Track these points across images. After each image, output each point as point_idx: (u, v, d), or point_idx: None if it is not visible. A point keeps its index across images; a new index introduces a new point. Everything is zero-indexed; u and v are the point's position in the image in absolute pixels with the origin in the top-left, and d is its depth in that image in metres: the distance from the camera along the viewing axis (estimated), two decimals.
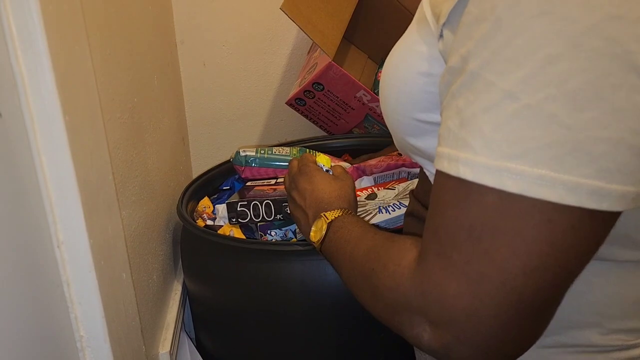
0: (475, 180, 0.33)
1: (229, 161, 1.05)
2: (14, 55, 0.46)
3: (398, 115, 0.46)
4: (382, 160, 0.96)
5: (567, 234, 0.33)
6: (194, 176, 1.27)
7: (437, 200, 0.37)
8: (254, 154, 0.99)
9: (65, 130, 0.49)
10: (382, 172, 0.93)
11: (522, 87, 0.32)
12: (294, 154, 1.00)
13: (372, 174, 0.94)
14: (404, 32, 0.47)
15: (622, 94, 0.31)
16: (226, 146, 1.32)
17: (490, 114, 0.33)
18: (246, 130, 1.32)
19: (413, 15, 1.23)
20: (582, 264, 0.35)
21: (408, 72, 0.43)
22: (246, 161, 0.97)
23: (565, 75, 0.31)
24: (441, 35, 0.40)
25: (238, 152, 0.99)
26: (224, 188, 1.04)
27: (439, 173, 0.36)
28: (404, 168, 0.94)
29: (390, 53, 0.47)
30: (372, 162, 0.96)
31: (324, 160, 0.73)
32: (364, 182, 0.92)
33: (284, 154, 0.99)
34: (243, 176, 0.99)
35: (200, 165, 1.31)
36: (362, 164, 0.95)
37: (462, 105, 0.34)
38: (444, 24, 0.39)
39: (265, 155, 0.99)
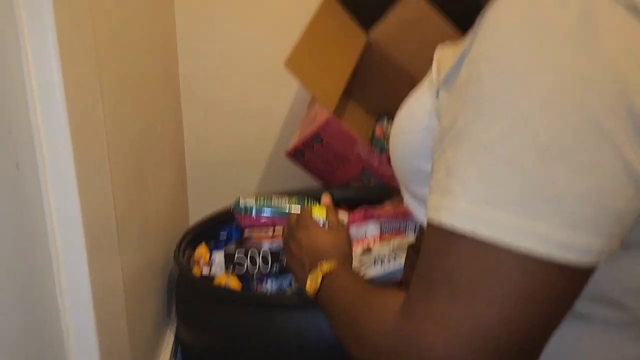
0: (453, 226, 0.36)
1: (227, 209, 1.08)
2: (33, 108, 0.49)
3: (404, 163, 0.50)
4: (388, 209, 0.98)
5: (541, 285, 0.35)
6: (191, 221, 1.30)
7: (423, 248, 0.40)
8: (253, 203, 1.01)
9: (76, 180, 0.52)
10: (389, 219, 0.96)
11: (500, 140, 0.35)
12: (293, 204, 1.03)
13: (379, 218, 0.95)
14: (401, 88, 0.51)
15: (586, 151, 0.34)
16: (224, 192, 1.35)
17: (471, 165, 0.36)
18: (244, 177, 1.35)
19: (409, 73, 1.29)
20: (559, 316, 0.36)
21: (412, 123, 0.47)
22: (245, 210, 1.00)
23: (537, 131, 0.34)
24: (437, 95, 0.43)
25: (238, 201, 1.02)
26: (221, 236, 1.06)
27: (427, 222, 0.39)
28: (409, 220, 0.96)
29: (401, 106, 0.51)
30: (379, 209, 0.99)
31: (320, 212, 0.75)
32: (370, 226, 0.94)
33: (283, 203, 1.02)
34: (242, 224, 1.01)
35: (197, 209, 1.33)
36: (369, 210, 0.97)
37: (449, 157, 0.38)
38: (441, 85, 0.43)
39: (265, 205, 1.01)
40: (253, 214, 1.00)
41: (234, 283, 0.87)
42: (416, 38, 1.20)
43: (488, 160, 0.35)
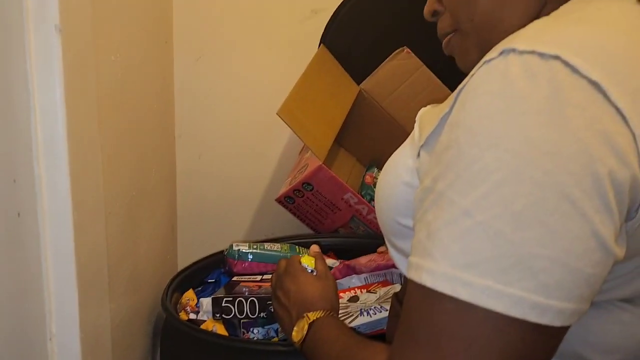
0: (434, 287, 0.39)
1: (215, 254, 1.10)
2: (37, 160, 0.52)
3: (384, 216, 0.53)
4: (373, 260, 1.01)
5: (517, 344, 0.37)
6: (180, 265, 1.31)
7: (405, 305, 0.42)
8: (246, 248, 1.04)
9: (72, 229, 0.55)
10: (371, 271, 0.98)
11: (476, 206, 0.38)
12: (285, 251, 1.05)
13: (361, 272, 0.98)
14: (391, 138, 0.54)
15: (556, 218, 0.37)
16: (214, 236, 1.37)
17: (450, 228, 0.39)
18: (235, 222, 1.38)
19: (399, 124, 1.35)
20: None
21: (394, 179, 0.51)
22: (239, 255, 1.02)
23: (510, 198, 0.37)
24: (418, 155, 0.47)
25: (231, 246, 1.04)
26: (209, 281, 1.08)
27: (409, 280, 0.42)
28: (394, 269, 0.99)
29: (387, 162, 0.54)
30: (363, 260, 1.01)
31: (308, 261, 0.78)
32: (354, 280, 0.96)
33: (275, 250, 1.04)
34: (235, 270, 1.03)
35: (187, 253, 1.35)
36: (352, 262, 1.00)
37: (431, 219, 0.41)
38: (422, 146, 0.47)
39: (258, 251, 1.04)
40: (246, 260, 1.03)
41: (220, 329, 0.89)
42: (406, 90, 1.26)
43: (466, 226, 0.38)
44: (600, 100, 0.38)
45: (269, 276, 1.00)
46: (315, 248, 0.85)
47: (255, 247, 1.04)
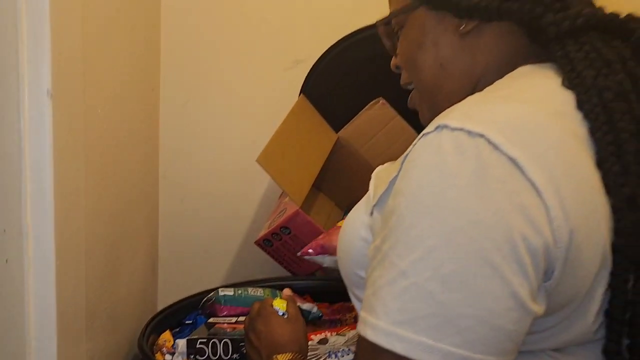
0: (375, 341, 0.45)
1: (194, 295, 1.14)
2: (25, 212, 0.58)
3: (346, 269, 0.58)
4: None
5: None
6: (160, 305, 1.35)
7: (355, 353, 0.48)
8: (232, 293, 1.09)
9: (55, 275, 0.61)
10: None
11: (412, 268, 0.44)
12: (267, 295, 1.10)
13: (331, 334, 1.03)
14: (367, 184, 0.60)
15: (479, 281, 0.43)
16: (194, 277, 1.42)
17: (390, 288, 0.45)
18: (215, 263, 1.43)
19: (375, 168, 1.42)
20: None
21: (352, 235, 0.57)
22: (225, 300, 1.07)
23: (440, 262, 0.43)
24: (372, 213, 0.53)
25: (217, 291, 1.09)
26: (187, 322, 1.12)
27: (358, 332, 0.48)
28: None
29: (347, 216, 0.60)
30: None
31: (280, 304, 0.83)
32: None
33: (258, 294, 1.10)
34: (220, 314, 1.07)
35: (167, 294, 1.39)
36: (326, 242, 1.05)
37: (376, 277, 0.47)
38: (374, 205, 0.53)
39: (242, 295, 1.09)
40: (232, 305, 1.07)
41: None
42: (382, 139, 1.34)
43: (403, 286, 0.44)
44: (518, 175, 0.44)
45: (244, 317, 1.05)
46: (287, 291, 0.90)
47: (239, 292, 1.09)
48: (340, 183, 1.37)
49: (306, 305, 1.10)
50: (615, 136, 0.48)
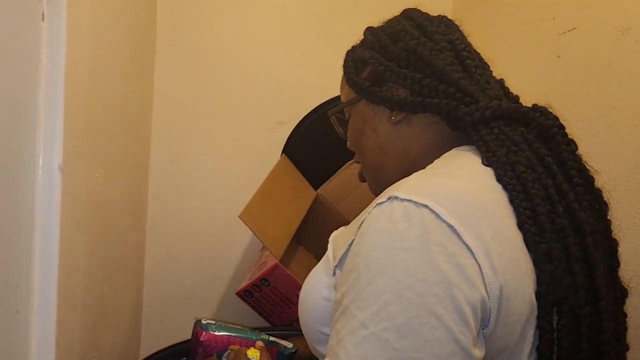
0: None
1: (178, 344, 1.24)
2: (35, 269, 0.70)
3: (308, 327, 0.67)
4: None
5: None
6: (142, 356, 1.44)
7: None
8: (213, 323, 1.18)
9: (56, 324, 0.71)
10: None
11: (370, 320, 0.51)
12: (246, 331, 1.20)
13: None
14: None
15: (427, 330, 0.50)
16: (177, 328, 1.51)
17: (351, 337, 0.52)
18: (197, 313, 1.52)
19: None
20: None
21: (314, 295, 0.65)
22: (207, 327, 1.16)
23: (394, 314, 0.51)
24: (334, 273, 0.62)
25: (201, 320, 1.18)
26: None
27: None
28: None
29: (307, 278, 0.70)
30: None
31: (254, 353, 0.94)
32: None
33: (238, 327, 1.19)
34: (201, 339, 1.16)
35: (149, 345, 1.48)
36: None
37: (339, 328, 0.55)
38: (336, 266, 0.62)
39: (223, 326, 1.18)
40: (213, 331, 1.16)
41: None
42: (359, 196, 1.47)
43: (363, 335, 0.52)
44: (455, 239, 0.53)
45: None
46: (260, 343, 1.00)
47: (221, 323, 1.18)
48: (319, 237, 1.48)
49: (283, 342, 1.20)
50: (530, 202, 0.59)
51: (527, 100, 0.73)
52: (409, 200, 0.54)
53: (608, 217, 0.67)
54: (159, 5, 1.43)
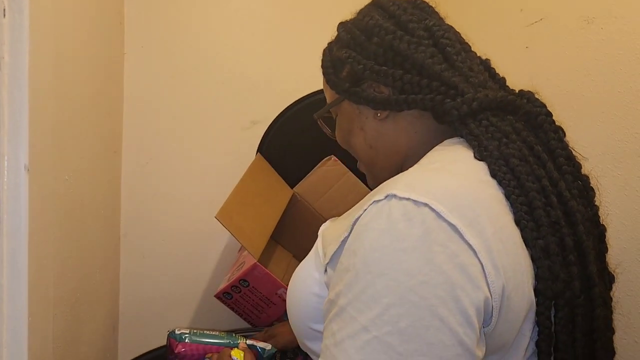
0: None
1: (154, 350, 1.21)
2: (1, 274, 0.67)
3: (298, 323, 0.65)
4: None
5: None
6: None
7: None
8: (187, 332, 1.16)
9: (27, 331, 0.68)
10: None
11: (372, 324, 0.49)
12: (223, 336, 1.18)
13: None
14: None
15: (431, 332, 0.49)
16: (155, 333, 1.48)
17: (352, 340, 0.50)
18: (176, 318, 1.49)
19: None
20: None
21: (304, 291, 0.63)
22: (181, 337, 1.14)
23: (397, 317, 0.49)
24: (325, 271, 0.60)
25: (174, 330, 1.16)
26: None
27: None
28: None
29: (295, 272, 0.67)
30: None
31: (238, 354, 0.92)
32: None
33: (213, 334, 1.17)
34: (176, 351, 1.14)
35: (127, 351, 1.44)
36: None
37: (335, 330, 0.53)
38: (327, 263, 0.60)
39: (198, 334, 1.16)
40: (186, 341, 1.14)
41: None
42: (335, 193, 1.46)
43: (365, 339, 0.50)
44: (457, 238, 0.51)
45: None
46: (242, 344, 0.98)
47: (195, 331, 1.16)
48: (297, 236, 1.47)
49: (261, 344, 1.18)
50: (526, 197, 0.57)
51: None
52: (408, 199, 0.53)
53: (595, 203, 0.66)
54: (126, 5, 1.40)
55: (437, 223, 0.51)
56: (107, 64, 1.21)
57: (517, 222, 0.56)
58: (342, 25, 0.74)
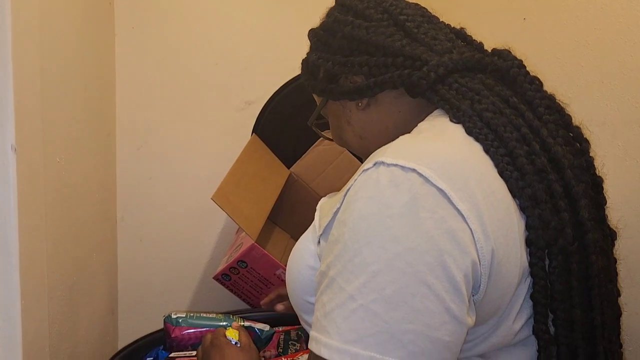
0: (329, 358, 0.50)
1: (154, 332, 1.20)
2: None
3: (295, 296, 0.65)
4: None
5: None
6: (120, 346, 1.39)
7: None
8: (184, 316, 1.15)
9: (20, 315, 0.67)
10: None
11: (359, 292, 0.49)
12: (220, 318, 1.17)
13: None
14: None
15: (417, 300, 0.49)
16: (154, 317, 1.46)
17: (340, 310, 0.50)
18: (175, 301, 1.49)
19: None
20: None
21: (300, 264, 0.63)
22: (177, 322, 1.13)
23: (383, 285, 0.49)
24: (319, 242, 0.60)
25: (170, 315, 1.15)
26: (148, 359, 1.17)
27: (310, 350, 0.54)
28: None
29: (294, 246, 0.67)
30: None
31: (232, 333, 0.90)
32: None
33: (211, 316, 1.16)
34: (173, 335, 1.13)
35: (127, 334, 1.44)
36: None
37: (326, 301, 0.53)
38: (321, 235, 0.60)
39: (194, 317, 1.16)
40: (183, 325, 1.13)
41: None
42: (332, 172, 1.44)
43: (352, 308, 0.50)
44: (445, 203, 0.51)
45: None
46: (236, 324, 0.97)
47: (192, 315, 1.15)
48: (294, 216, 1.46)
49: (259, 325, 1.18)
50: (506, 147, 0.57)
51: None
52: (396, 165, 0.52)
53: (589, 154, 0.65)
54: None
55: (425, 188, 0.51)
56: (97, 46, 1.18)
57: (501, 174, 0.56)
58: (310, 32, 0.76)
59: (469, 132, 0.58)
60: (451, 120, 0.60)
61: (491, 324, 0.57)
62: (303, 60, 0.77)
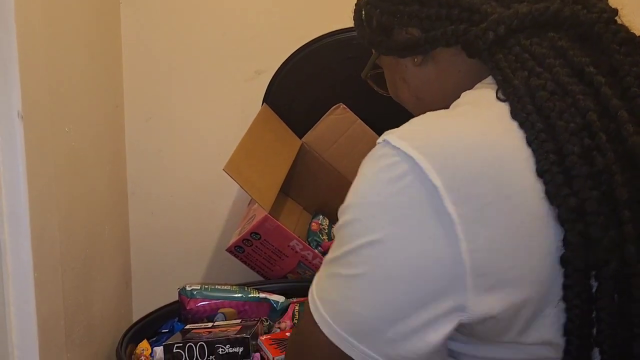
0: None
1: (169, 304, 1.19)
2: (2, 227, 0.63)
3: None
4: None
5: None
6: (135, 318, 1.39)
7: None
8: (198, 288, 1.15)
9: (34, 286, 0.65)
10: None
11: (328, 261, 0.51)
12: (235, 290, 1.17)
13: None
14: (332, 187, 0.66)
15: (373, 288, 0.48)
16: (168, 290, 1.45)
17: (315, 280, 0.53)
18: (188, 273, 1.48)
19: (340, 173, 1.51)
20: None
21: None
22: (191, 294, 1.12)
23: (348, 266, 0.49)
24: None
25: (184, 287, 1.15)
26: (164, 331, 1.16)
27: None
28: None
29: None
30: None
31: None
32: None
33: (225, 288, 1.16)
34: (187, 307, 1.13)
35: (142, 307, 1.43)
36: None
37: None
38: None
39: (209, 289, 1.15)
40: (198, 297, 1.13)
41: None
42: (345, 142, 1.41)
43: (319, 275, 0.52)
44: (435, 203, 0.45)
45: (220, 322, 1.10)
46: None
47: (206, 286, 1.15)
48: (307, 187, 1.44)
49: (274, 297, 1.17)
50: (556, 141, 0.46)
51: None
52: (398, 149, 0.47)
53: None
54: None
55: (418, 182, 0.45)
56: (102, 15, 1.14)
57: (540, 175, 0.46)
58: None
59: (514, 115, 0.48)
60: (497, 98, 0.51)
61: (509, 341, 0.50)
62: (355, 5, 0.68)
